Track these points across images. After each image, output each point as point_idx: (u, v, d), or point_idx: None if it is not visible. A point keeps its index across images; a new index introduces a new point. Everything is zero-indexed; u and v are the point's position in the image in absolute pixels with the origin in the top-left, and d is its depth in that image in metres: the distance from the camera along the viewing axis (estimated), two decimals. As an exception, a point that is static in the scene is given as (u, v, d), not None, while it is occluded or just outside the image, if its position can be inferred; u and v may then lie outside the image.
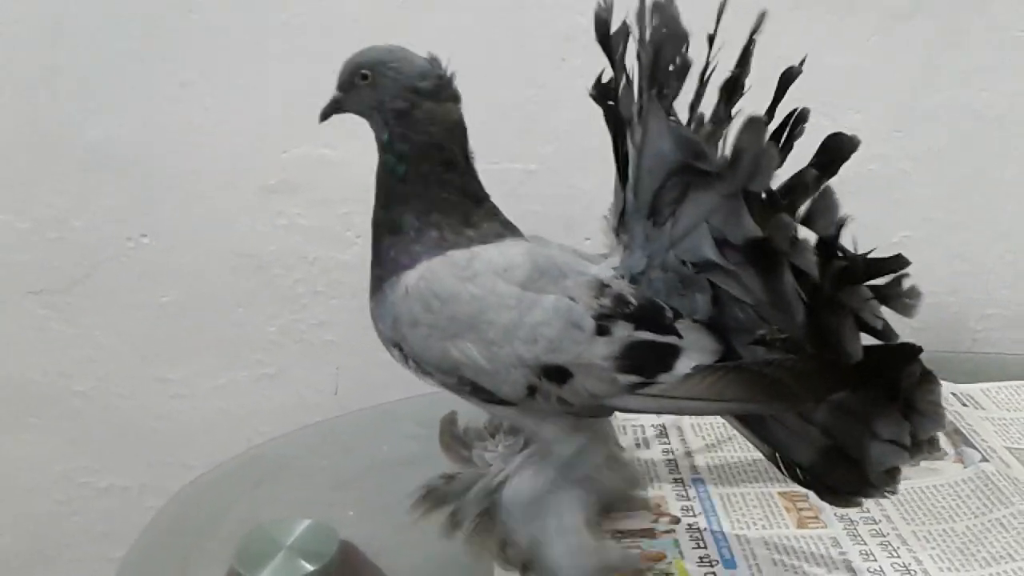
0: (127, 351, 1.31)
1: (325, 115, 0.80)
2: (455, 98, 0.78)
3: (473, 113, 0.77)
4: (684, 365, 0.73)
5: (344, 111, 0.79)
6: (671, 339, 0.74)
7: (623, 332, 0.73)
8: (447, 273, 0.74)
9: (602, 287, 0.74)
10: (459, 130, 0.78)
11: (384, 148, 0.77)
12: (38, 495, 1.36)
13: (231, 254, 1.27)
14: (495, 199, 0.79)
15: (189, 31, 1.19)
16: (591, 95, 0.76)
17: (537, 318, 0.72)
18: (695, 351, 0.74)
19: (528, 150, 1.24)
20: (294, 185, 1.25)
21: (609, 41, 0.75)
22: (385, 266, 0.77)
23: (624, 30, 0.73)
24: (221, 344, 1.31)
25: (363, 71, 0.77)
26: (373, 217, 0.78)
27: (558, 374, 0.74)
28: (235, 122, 1.23)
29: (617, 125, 0.76)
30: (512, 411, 0.78)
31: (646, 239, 0.74)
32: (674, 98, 0.71)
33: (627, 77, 0.74)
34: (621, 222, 0.77)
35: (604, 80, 0.77)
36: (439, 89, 0.77)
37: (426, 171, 0.75)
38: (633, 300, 0.74)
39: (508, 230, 0.79)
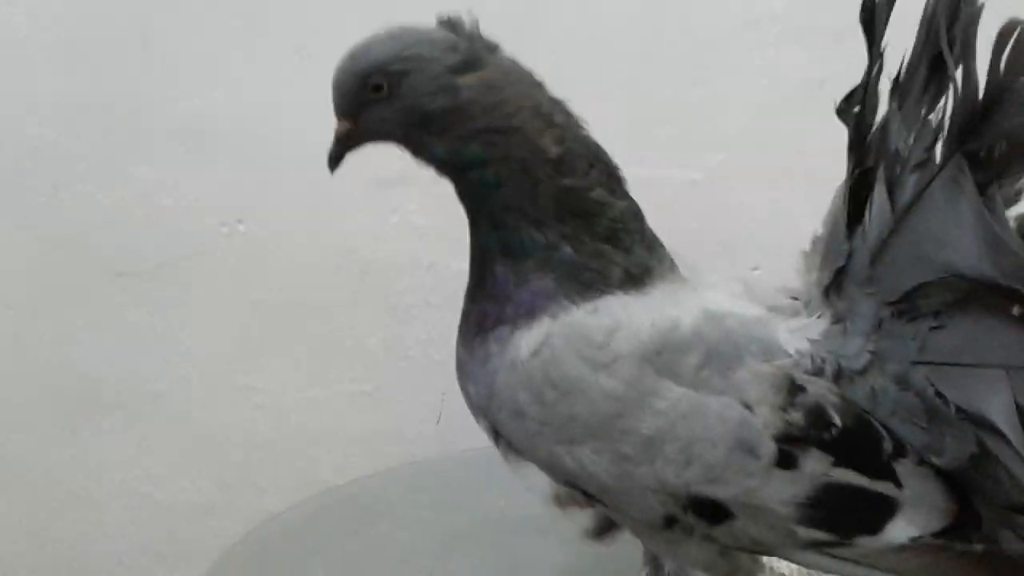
0: (210, 351, 1.24)
1: (335, 160, 0.66)
2: (494, 48, 0.61)
3: (624, 109, 0.68)
4: (899, 530, 0.56)
5: (361, 145, 0.64)
6: (886, 487, 0.57)
7: (816, 467, 0.57)
8: (574, 353, 0.59)
9: (793, 388, 0.58)
10: (536, 89, 0.61)
11: (449, 167, 0.62)
12: (95, 503, 1.31)
13: (335, 252, 1.20)
14: (648, 210, 0.66)
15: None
16: (838, 109, 0.60)
17: (695, 431, 0.58)
18: (918, 510, 0.57)
19: (691, 156, 1.12)
20: (412, 177, 1.04)
21: (873, 27, 0.57)
22: (495, 301, 0.62)
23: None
24: (315, 353, 1.23)
25: (372, 81, 0.60)
26: (473, 241, 0.64)
27: (713, 510, 0.59)
28: None
29: (864, 151, 0.59)
30: (640, 529, 0.61)
31: (877, 327, 0.59)
32: (987, 159, 0.53)
33: (900, 92, 0.57)
34: (837, 282, 0.61)
35: (864, 89, 0.59)
36: (476, 52, 0.59)
37: (525, 165, 0.60)
38: (837, 419, 0.57)
39: (653, 254, 0.64)
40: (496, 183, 0.61)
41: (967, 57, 0.53)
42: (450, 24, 0.61)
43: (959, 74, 0.54)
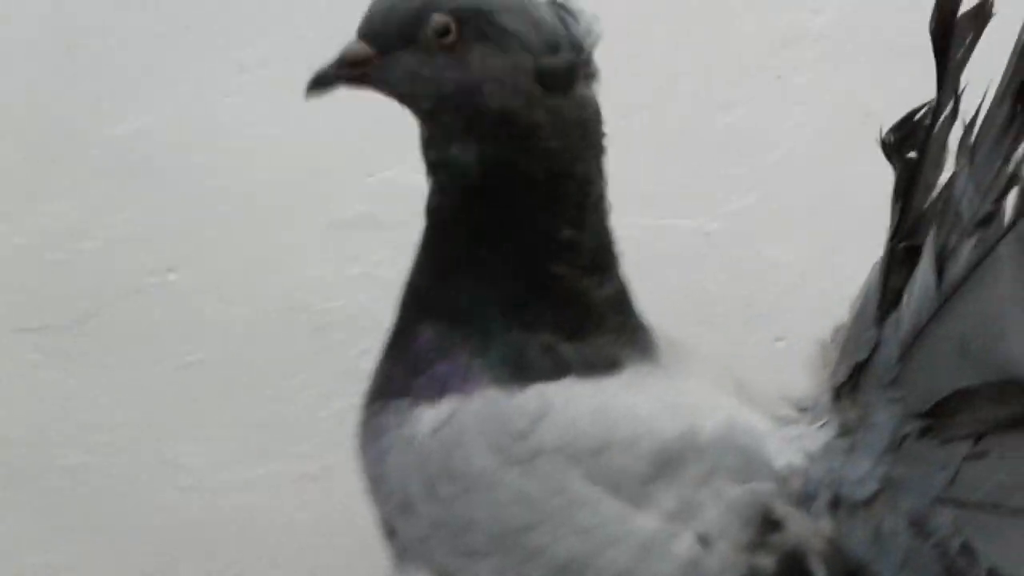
0: (134, 419, 1.16)
1: (322, 84, 0.58)
2: (591, 76, 0.56)
3: (639, 135, 0.71)
4: None
5: (364, 87, 0.56)
6: None
7: None
8: (483, 438, 0.54)
9: (769, 522, 0.53)
10: (593, 153, 0.58)
11: (454, 172, 0.56)
12: (-7, 592, 1.22)
13: (282, 306, 1.14)
14: (654, 267, 0.64)
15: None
16: (884, 142, 0.54)
17: (625, 565, 0.51)
18: None
19: (707, 202, 1.07)
20: (377, 222, 1.13)
21: (948, 48, 0.50)
22: (406, 366, 0.58)
23: None
24: (256, 426, 1.16)
25: (439, 21, 0.52)
26: (410, 279, 0.60)
27: None
28: (307, 126, 1.09)
29: (912, 208, 0.53)
30: None
31: (896, 446, 0.52)
32: None
33: (975, 140, 0.50)
34: (853, 380, 0.55)
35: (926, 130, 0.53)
36: (574, 71, 0.55)
37: (525, 228, 0.56)
38: (820, 573, 0.51)
39: (630, 344, 0.58)
40: (481, 225, 0.55)
41: None
42: (563, 11, 0.54)
43: None
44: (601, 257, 0.59)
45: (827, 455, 0.55)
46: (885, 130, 0.54)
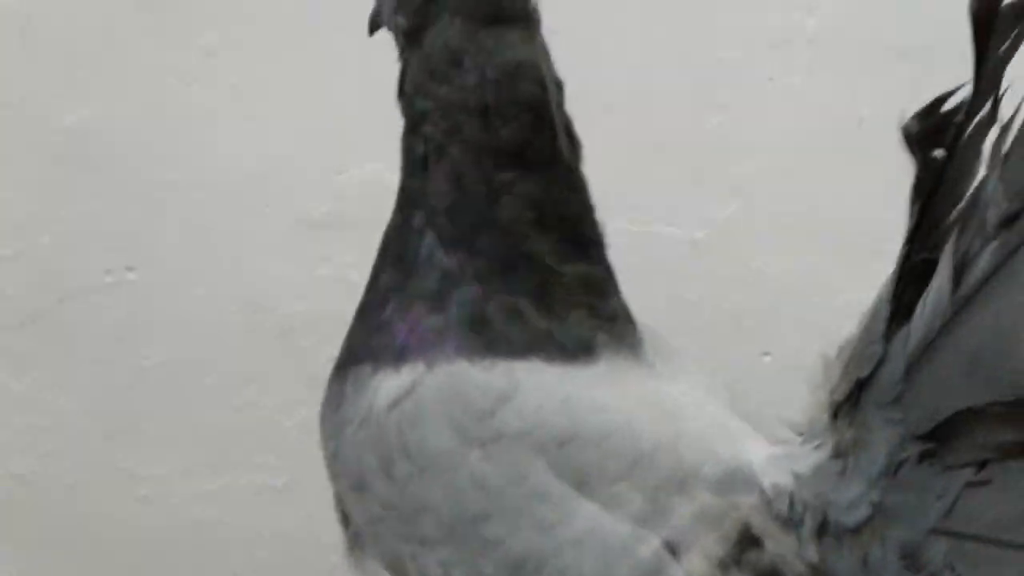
0: (86, 425, 1.15)
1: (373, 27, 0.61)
2: (526, 20, 0.57)
3: (625, 134, 0.71)
4: None
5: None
6: None
7: None
8: (444, 415, 0.52)
9: (747, 539, 0.51)
10: (535, 89, 0.57)
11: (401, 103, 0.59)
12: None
13: (246, 308, 1.13)
14: (637, 276, 0.63)
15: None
16: (905, 132, 0.49)
17: (587, 567, 0.50)
18: None
19: (695, 209, 1.05)
20: (348, 221, 1.11)
21: (990, 37, 0.46)
22: (366, 324, 0.58)
23: None
24: (217, 434, 1.15)
25: None
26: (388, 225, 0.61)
27: None
28: (274, 117, 1.09)
29: (935, 211, 0.49)
30: None
31: (892, 471, 0.50)
32: None
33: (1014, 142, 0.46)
34: (853, 398, 0.51)
35: (951, 111, 0.48)
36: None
37: (467, 164, 0.56)
38: None
39: (608, 330, 0.56)
40: (423, 164, 0.56)
41: None
42: None
43: None
44: (569, 229, 0.58)
45: (817, 477, 0.53)
46: (908, 118, 0.50)
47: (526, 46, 0.57)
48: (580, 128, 0.62)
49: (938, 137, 0.48)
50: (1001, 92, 0.48)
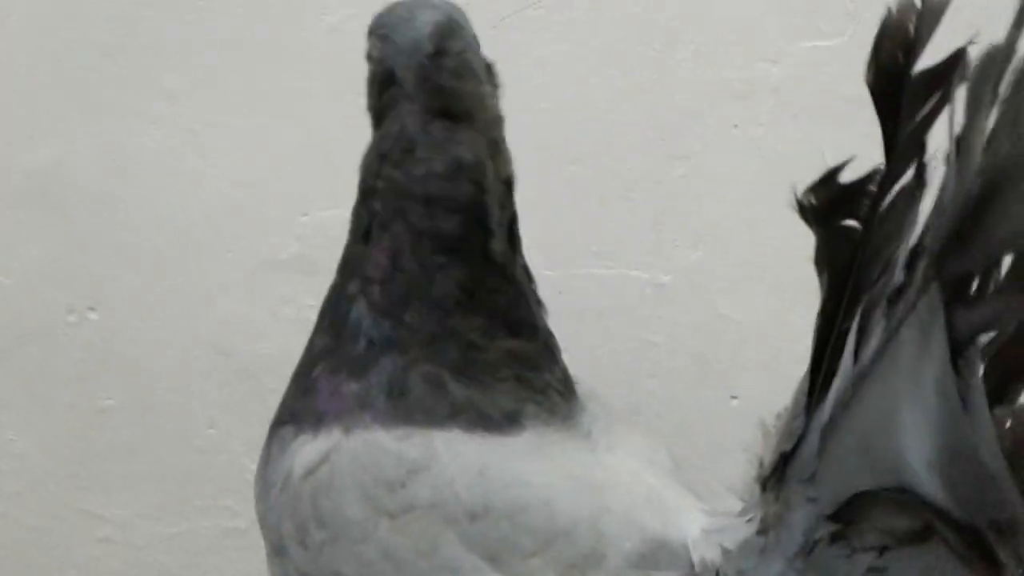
0: (46, 464, 1.15)
1: None
2: (478, 118, 0.58)
3: (587, 183, 0.69)
4: None
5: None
6: None
7: None
8: (357, 485, 0.52)
9: None
10: (474, 190, 0.57)
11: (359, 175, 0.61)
12: None
13: (207, 349, 1.12)
14: (604, 319, 0.65)
15: (183, 19, 1.06)
16: (800, 205, 0.50)
17: None
18: None
19: (660, 254, 1.05)
20: (312, 263, 1.09)
21: (899, 103, 0.46)
22: (297, 384, 0.58)
23: (988, 70, 0.41)
24: (179, 477, 1.14)
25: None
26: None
27: None
28: (237, 158, 1.08)
29: (842, 277, 0.49)
30: None
31: (808, 550, 0.48)
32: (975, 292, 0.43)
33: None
34: (779, 473, 0.50)
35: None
36: (439, 68, 0.56)
37: (406, 244, 0.57)
38: None
39: (539, 400, 0.56)
40: (363, 240, 0.57)
41: (975, 115, 0.39)
42: (444, 21, 0.58)
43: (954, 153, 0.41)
44: (500, 313, 0.57)
45: (742, 553, 0.52)
46: (802, 189, 0.50)
47: (475, 145, 0.57)
48: (549, 178, 0.61)
49: (842, 207, 0.48)
50: (925, 159, 0.47)
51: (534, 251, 0.70)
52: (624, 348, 0.67)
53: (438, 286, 0.56)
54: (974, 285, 0.43)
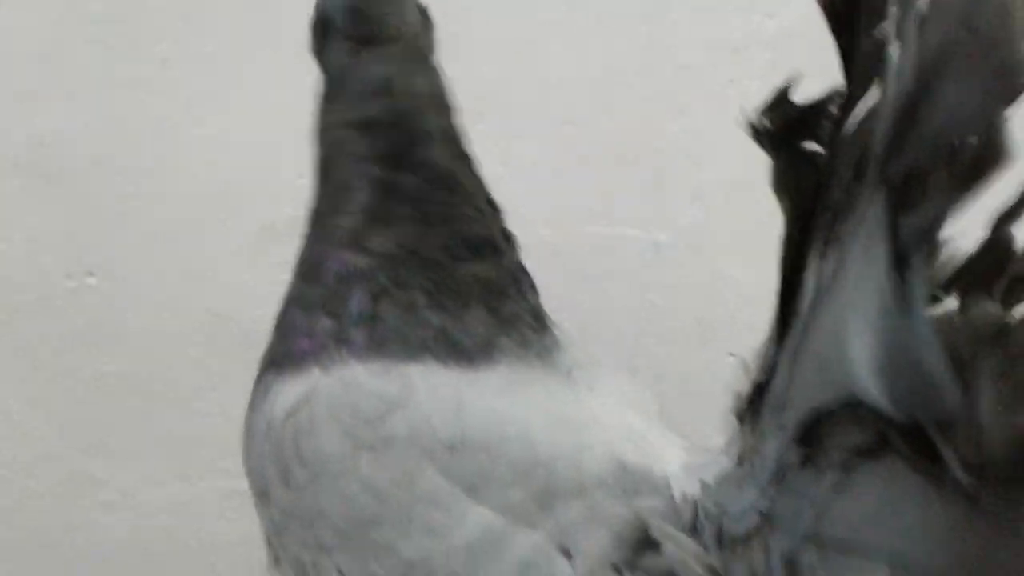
0: (47, 431, 1.15)
1: None
2: (404, 38, 0.59)
3: (585, 139, 0.69)
4: None
5: None
6: None
7: None
8: (336, 423, 0.52)
9: (643, 542, 0.50)
10: (407, 102, 0.59)
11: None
12: None
13: (207, 315, 1.12)
14: (603, 279, 0.66)
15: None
16: (753, 128, 0.50)
17: (471, 567, 0.49)
18: None
19: (658, 213, 1.04)
20: None
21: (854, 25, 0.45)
22: (278, 327, 0.59)
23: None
24: (179, 440, 1.14)
25: None
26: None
27: None
28: (233, 124, 1.09)
29: (812, 206, 0.48)
30: None
31: (780, 477, 0.48)
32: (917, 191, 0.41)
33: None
34: (755, 405, 0.50)
35: (801, 102, 0.48)
36: (366, 23, 0.59)
37: (351, 173, 0.58)
38: None
39: (511, 331, 0.56)
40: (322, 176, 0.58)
41: (907, 9, 0.39)
42: None
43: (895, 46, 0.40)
44: (457, 230, 0.58)
45: (719, 486, 0.51)
46: (754, 113, 0.49)
47: (401, 61, 0.59)
48: (545, 138, 0.60)
49: (801, 130, 0.47)
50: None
51: (531, 212, 0.69)
52: (623, 308, 0.67)
53: (392, 205, 0.56)
54: (920, 189, 0.41)
